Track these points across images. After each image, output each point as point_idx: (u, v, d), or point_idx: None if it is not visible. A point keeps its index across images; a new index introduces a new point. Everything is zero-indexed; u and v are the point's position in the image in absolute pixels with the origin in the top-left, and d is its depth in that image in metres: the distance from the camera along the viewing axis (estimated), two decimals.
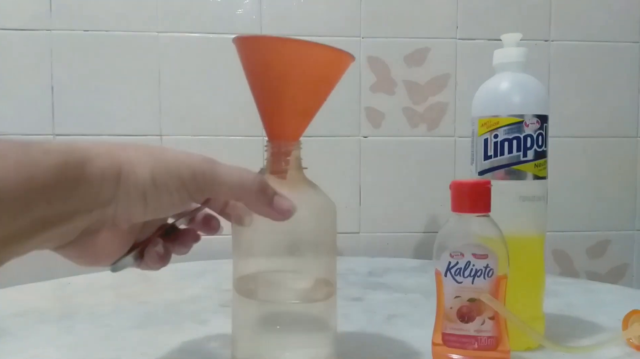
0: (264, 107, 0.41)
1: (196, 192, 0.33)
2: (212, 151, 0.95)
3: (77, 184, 0.29)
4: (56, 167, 0.28)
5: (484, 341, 0.40)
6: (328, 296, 0.41)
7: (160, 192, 0.32)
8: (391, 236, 0.94)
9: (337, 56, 0.39)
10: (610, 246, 0.96)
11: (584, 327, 0.53)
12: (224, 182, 0.34)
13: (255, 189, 0.34)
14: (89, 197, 0.30)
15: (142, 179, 0.31)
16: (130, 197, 0.31)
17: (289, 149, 0.41)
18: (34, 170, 0.27)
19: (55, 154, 0.28)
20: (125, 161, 0.31)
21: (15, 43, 0.87)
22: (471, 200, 0.41)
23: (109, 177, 0.30)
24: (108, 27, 0.88)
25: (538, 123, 0.46)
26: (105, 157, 0.30)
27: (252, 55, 0.39)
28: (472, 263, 0.40)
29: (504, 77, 0.48)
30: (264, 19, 0.90)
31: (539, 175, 0.46)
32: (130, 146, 0.33)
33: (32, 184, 0.27)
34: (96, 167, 0.30)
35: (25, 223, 0.27)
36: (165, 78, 0.90)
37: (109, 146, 0.32)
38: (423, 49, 0.92)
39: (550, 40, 0.93)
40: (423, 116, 0.93)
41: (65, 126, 0.88)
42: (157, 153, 0.33)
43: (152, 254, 0.36)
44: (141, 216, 0.33)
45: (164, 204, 0.33)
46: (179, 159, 0.33)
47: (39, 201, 0.27)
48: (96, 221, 0.31)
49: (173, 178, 0.32)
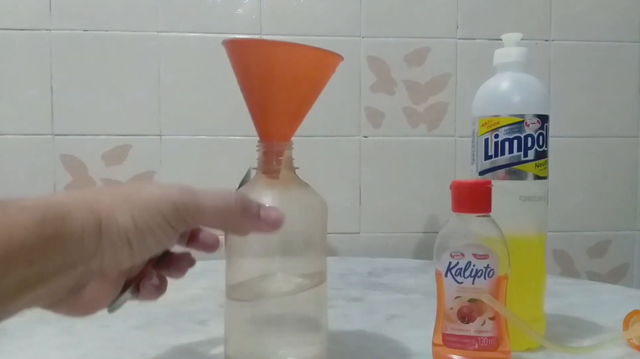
0: (254, 109, 0.41)
1: (181, 225, 0.33)
2: (211, 151, 0.95)
3: (57, 240, 0.28)
4: (34, 224, 0.27)
5: (484, 342, 0.40)
6: (319, 282, 0.41)
7: (144, 234, 0.31)
8: (391, 236, 0.93)
9: (325, 57, 0.40)
10: (611, 246, 0.96)
11: (584, 327, 0.53)
12: (208, 209, 0.33)
13: (239, 208, 0.34)
14: (71, 253, 0.29)
15: (124, 225, 0.30)
16: (115, 246, 0.30)
17: (281, 149, 0.41)
18: (12, 230, 0.26)
19: (32, 211, 0.27)
20: (104, 209, 0.30)
21: (14, 43, 0.87)
22: (472, 200, 0.41)
23: (90, 229, 0.29)
24: (107, 27, 0.88)
25: (539, 123, 0.46)
26: (84, 208, 0.30)
27: (241, 58, 0.40)
28: (473, 263, 0.40)
29: (504, 77, 0.48)
30: (263, 19, 0.90)
31: (540, 175, 0.46)
32: (106, 192, 0.32)
33: (11, 244, 0.26)
34: (75, 220, 0.29)
35: (7, 285, 0.26)
36: (165, 78, 0.89)
37: (85, 195, 0.31)
38: (423, 49, 0.92)
39: (551, 40, 0.93)
40: (423, 116, 0.93)
41: (64, 126, 0.88)
42: (134, 194, 0.32)
43: (148, 287, 0.36)
44: (129, 262, 0.32)
45: (151, 245, 0.32)
46: (156, 196, 0.32)
47: (19, 261, 0.26)
48: (82, 275, 0.30)
49: (155, 217, 0.31)
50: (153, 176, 0.90)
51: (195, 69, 0.90)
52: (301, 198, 0.41)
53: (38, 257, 0.27)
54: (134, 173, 0.90)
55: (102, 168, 0.89)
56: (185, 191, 0.33)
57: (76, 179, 0.89)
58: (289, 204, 0.40)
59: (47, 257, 0.28)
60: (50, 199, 0.29)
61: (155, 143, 0.90)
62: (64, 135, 0.88)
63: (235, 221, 0.34)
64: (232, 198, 0.34)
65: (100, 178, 0.89)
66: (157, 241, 0.32)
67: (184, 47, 0.89)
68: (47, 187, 0.88)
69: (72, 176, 0.89)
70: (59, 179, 0.88)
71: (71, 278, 0.30)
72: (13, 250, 0.26)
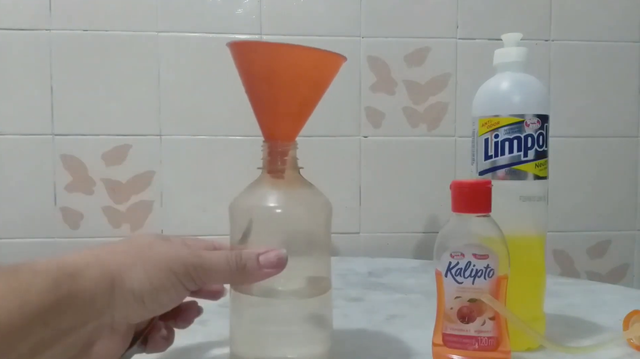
0: (259, 109, 0.42)
1: (190, 284, 0.34)
2: (211, 151, 0.95)
3: (71, 300, 0.28)
4: (48, 287, 0.27)
5: (484, 342, 0.40)
6: (324, 290, 0.41)
7: (159, 292, 0.32)
8: (391, 236, 0.93)
9: (328, 58, 0.40)
10: (611, 246, 0.96)
11: (584, 327, 0.53)
12: (213, 272, 0.35)
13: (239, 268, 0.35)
14: (83, 310, 0.29)
15: (139, 283, 0.31)
16: (128, 302, 0.31)
17: (286, 149, 0.41)
18: (26, 295, 0.26)
19: (45, 274, 0.28)
20: (116, 267, 0.31)
21: (14, 43, 0.87)
22: (472, 200, 0.41)
23: (102, 287, 0.30)
24: (107, 27, 0.88)
25: (539, 123, 0.46)
26: (96, 267, 0.30)
27: (246, 59, 0.40)
28: (473, 263, 0.40)
29: (504, 77, 0.48)
30: (263, 19, 0.90)
31: (540, 175, 0.46)
32: (119, 249, 0.33)
33: (27, 309, 0.26)
34: (88, 279, 0.29)
35: (23, 350, 0.26)
36: (165, 78, 0.89)
37: (97, 254, 0.32)
38: (423, 49, 0.92)
39: (551, 40, 0.93)
40: (423, 116, 0.93)
41: (64, 126, 0.88)
42: (146, 252, 0.33)
43: (156, 339, 0.37)
44: (139, 317, 0.33)
45: (163, 302, 0.33)
46: (169, 256, 0.33)
47: (35, 325, 0.26)
48: (93, 332, 0.31)
49: (169, 276, 0.33)
50: (153, 175, 0.90)
51: (195, 69, 0.90)
52: (306, 198, 0.42)
53: (53, 318, 0.27)
54: (134, 173, 0.90)
55: (102, 168, 0.89)
56: (194, 254, 0.34)
57: (76, 179, 0.89)
58: (294, 204, 0.40)
59: (61, 318, 0.28)
60: (62, 259, 0.30)
61: (155, 143, 0.90)
62: (64, 135, 0.88)
63: (239, 279, 0.36)
64: (232, 260, 0.35)
65: (100, 178, 0.89)
66: (170, 299, 0.34)
67: (184, 47, 0.89)
68: (47, 187, 0.88)
69: (72, 176, 0.89)
70: (59, 179, 0.88)
71: (83, 335, 0.30)
72: (28, 315, 0.26)
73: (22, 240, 0.88)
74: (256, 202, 0.41)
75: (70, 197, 0.89)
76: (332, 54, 0.40)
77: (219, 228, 0.90)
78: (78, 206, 0.89)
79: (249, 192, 0.42)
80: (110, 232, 0.89)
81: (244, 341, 0.41)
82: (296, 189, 0.41)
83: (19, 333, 0.26)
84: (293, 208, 0.41)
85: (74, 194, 0.89)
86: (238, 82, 0.42)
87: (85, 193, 0.89)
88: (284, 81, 0.40)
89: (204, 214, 0.90)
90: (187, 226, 0.90)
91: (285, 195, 0.41)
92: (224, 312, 0.42)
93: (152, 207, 0.90)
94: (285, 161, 0.41)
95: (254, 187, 0.42)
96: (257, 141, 0.43)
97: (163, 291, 0.32)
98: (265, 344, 0.40)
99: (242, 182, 0.44)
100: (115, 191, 0.89)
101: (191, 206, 0.91)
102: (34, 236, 0.88)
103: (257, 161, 0.43)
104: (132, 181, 0.90)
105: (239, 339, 0.42)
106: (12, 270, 0.27)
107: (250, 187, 0.42)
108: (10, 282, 0.27)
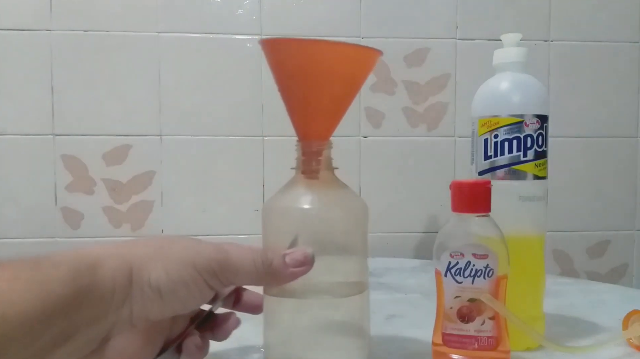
0: (293, 108, 0.40)
1: (214, 282, 0.33)
2: (211, 151, 0.95)
3: (90, 291, 0.28)
4: (69, 278, 0.27)
5: (484, 341, 0.40)
6: (360, 291, 0.40)
7: (177, 285, 0.31)
8: (391, 236, 0.94)
9: (363, 53, 0.39)
10: (611, 246, 0.96)
11: (584, 327, 0.53)
12: (239, 271, 0.33)
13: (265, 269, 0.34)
14: (103, 302, 0.29)
15: (156, 275, 0.31)
16: (145, 295, 0.31)
17: (320, 149, 0.40)
18: (48, 286, 0.27)
19: (65, 266, 0.28)
20: (136, 259, 0.31)
21: (15, 43, 0.87)
22: (471, 200, 0.41)
23: (121, 278, 0.30)
24: (108, 27, 0.88)
25: (538, 123, 0.46)
26: (115, 258, 0.30)
27: (280, 57, 0.39)
28: (472, 263, 0.40)
29: (504, 77, 0.48)
30: (263, 19, 0.90)
31: (539, 175, 0.46)
32: (139, 243, 0.33)
33: (48, 301, 0.26)
34: (107, 269, 0.29)
35: (46, 341, 0.26)
36: (165, 78, 0.90)
37: (117, 246, 0.31)
38: (423, 49, 0.92)
39: (550, 41, 0.93)
40: (423, 116, 0.93)
41: (65, 126, 0.88)
42: (167, 246, 0.32)
43: (190, 348, 0.35)
44: (159, 313, 0.32)
45: (182, 298, 0.32)
46: (191, 250, 0.32)
47: (56, 316, 0.27)
48: (113, 325, 0.30)
49: (189, 270, 0.31)
50: (154, 175, 0.90)
51: (195, 69, 0.90)
52: (342, 200, 0.40)
53: (73, 309, 0.27)
54: (134, 173, 0.90)
55: (102, 168, 0.89)
56: (219, 250, 0.33)
57: (77, 179, 0.89)
58: (329, 206, 0.39)
59: (82, 309, 0.28)
60: (80, 251, 0.30)
61: (156, 143, 0.90)
62: (65, 135, 0.88)
63: (265, 280, 0.35)
64: (258, 259, 0.34)
65: (100, 178, 0.89)
66: (190, 295, 0.32)
67: (184, 47, 0.89)
68: (48, 187, 0.88)
69: (73, 176, 0.89)
70: (60, 180, 0.88)
71: (102, 329, 0.30)
72: (50, 307, 0.26)
73: (23, 240, 0.88)
74: (290, 204, 0.39)
75: (70, 197, 0.89)
76: (367, 48, 0.39)
77: (219, 228, 0.90)
78: (78, 206, 0.89)
79: (283, 194, 0.40)
80: (110, 232, 0.89)
81: (278, 345, 0.40)
82: (331, 191, 0.40)
83: (40, 324, 0.26)
84: (329, 210, 0.39)
85: (74, 194, 0.89)
86: (238, 82, 0.42)
87: (85, 193, 0.89)
88: (318, 78, 0.38)
89: (204, 214, 0.91)
90: (187, 226, 0.90)
91: (321, 197, 0.39)
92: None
93: (153, 207, 0.90)
94: (319, 161, 0.40)
95: (287, 188, 0.41)
96: (256, 141, 0.43)
97: (182, 284, 0.31)
98: (300, 348, 0.39)
99: (242, 182, 0.44)
100: (115, 191, 0.89)
101: (191, 206, 0.91)
102: (35, 236, 0.88)
103: (258, 161, 0.43)
104: (133, 181, 0.90)
105: (272, 343, 0.41)
106: (33, 262, 0.27)
107: (284, 189, 0.41)
108: (32, 274, 0.27)
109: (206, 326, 0.37)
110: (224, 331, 0.37)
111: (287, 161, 0.42)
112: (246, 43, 0.89)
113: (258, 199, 0.89)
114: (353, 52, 0.39)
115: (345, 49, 0.38)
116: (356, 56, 0.40)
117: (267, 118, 0.88)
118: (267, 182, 0.89)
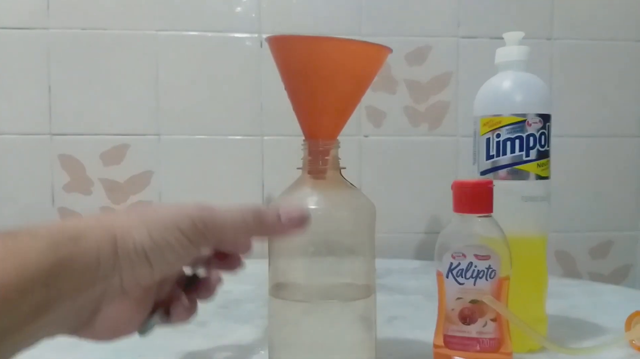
0: (301, 106, 0.40)
1: (199, 239, 0.32)
2: (210, 151, 0.94)
3: (72, 262, 0.28)
4: (48, 248, 0.27)
5: (486, 343, 0.40)
6: (367, 294, 0.40)
7: (162, 249, 0.31)
8: (392, 236, 0.93)
9: (372, 50, 0.39)
10: (614, 247, 0.96)
11: (586, 328, 0.53)
12: (226, 224, 0.33)
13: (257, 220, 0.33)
14: (87, 272, 0.29)
15: (140, 241, 0.31)
16: (133, 262, 0.30)
17: (327, 148, 0.40)
18: (25, 256, 0.26)
19: (45, 237, 0.28)
20: (119, 227, 0.30)
21: (12, 42, 0.86)
22: (473, 200, 0.40)
23: (106, 248, 0.29)
24: (106, 26, 0.88)
25: (540, 122, 0.46)
26: (98, 229, 0.30)
27: (287, 55, 0.39)
28: (474, 264, 0.40)
29: (506, 76, 0.47)
30: (263, 17, 0.89)
31: (542, 175, 0.46)
32: (121, 213, 0.32)
33: (25, 271, 0.26)
34: (91, 241, 0.29)
35: (25, 309, 0.26)
36: (164, 77, 0.89)
37: (98, 218, 0.31)
38: (424, 48, 0.92)
39: (553, 39, 0.93)
40: (424, 115, 0.93)
41: (62, 125, 0.88)
42: (150, 213, 0.32)
43: (178, 309, 0.35)
44: (149, 278, 0.32)
45: (169, 260, 0.32)
46: (173, 212, 0.32)
47: (35, 286, 0.26)
48: (103, 294, 0.30)
49: (173, 232, 0.31)
50: (151, 175, 0.89)
51: (194, 67, 0.89)
52: (349, 200, 0.40)
53: (53, 280, 0.27)
54: (132, 173, 0.89)
55: (100, 168, 0.89)
56: (203, 207, 0.33)
57: (74, 178, 0.88)
58: (337, 207, 0.39)
59: (62, 280, 0.28)
60: (62, 223, 0.30)
61: (154, 143, 0.89)
62: (62, 135, 0.88)
63: (256, 233, 0.34)
64: (248, 211, 0.33)
65: (98, 178, 0.89)
66: (177, 257, 0.32)
67: (182, 45, 0.89)
68: (45, 187, 0.88)
69: (70, 176, 0.88)
70: (57, 179, 0.88)
71: (91, 297, 0.30)
72: (28, 275, 0.26)
73: None
74: None
75: (68, 197, 0.88)
76: (376, 45, 0.38)
77: None
78: (76, 206, 0.88)
79: (289, 194, 0.40)
80: None
81: (283, 347, 0.40)
82: (338, 191, 0.40)
83: (17, 293, 0.26)
84: (336, 211, 0.39)
85: (72, 194, 0.88)
86: (237, 80, 0.41)
87: (83, 193, 0.89)
88: (326, 76, 0.38)
89: None
90: None
91: (328, 197, 0.39)
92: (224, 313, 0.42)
93: None
94: (326, 160, 0.39)
95: (294, 189, 0.40)
96: (255, 140, 0.42)
97: (167, 247, 0.31)
98: (305, 349, 0.39)
99: (241, 182, 0.43)
100: (113, 191, 0.89)
101: None
102: None
103: (257, 161, 0.42)
104: (131, 181, 0.89)
105: (277, 347, 0.40)
106: (10, 233, 0.27)
107: (290, 189, 0.41)
108: (8, 244, 0.27)
109: (192, 288, 0.37)
110: (208, 288, 0.37)
111: (287, 160, 0.42)
112: (245, 41, 0.88)
113: (257, 199, 0.89)
114: (362, 49, 0.38)
115: (355, 46, 0.38)
116: (365, 53, 0.39)
117: (267, 117, 0.87)
118: (267, 182, 0.89)
